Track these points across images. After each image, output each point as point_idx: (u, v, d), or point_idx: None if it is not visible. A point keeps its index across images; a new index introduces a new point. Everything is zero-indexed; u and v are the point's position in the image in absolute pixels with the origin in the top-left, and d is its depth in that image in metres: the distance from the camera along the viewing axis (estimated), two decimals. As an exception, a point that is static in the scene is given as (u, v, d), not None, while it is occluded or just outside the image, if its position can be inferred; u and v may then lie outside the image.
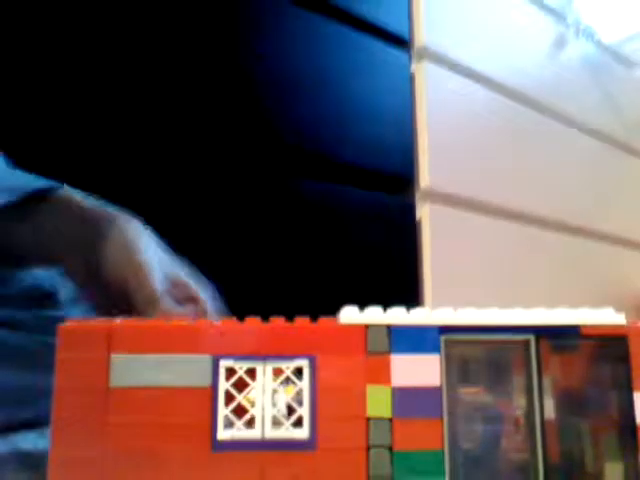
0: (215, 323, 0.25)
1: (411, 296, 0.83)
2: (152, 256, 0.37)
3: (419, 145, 0.86)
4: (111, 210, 0.38)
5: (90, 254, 0.37)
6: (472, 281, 0.87)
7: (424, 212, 0.85)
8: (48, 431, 0.24)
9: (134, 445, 0.24)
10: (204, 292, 0.40)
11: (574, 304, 0.27)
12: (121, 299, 0.36)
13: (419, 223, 0.85)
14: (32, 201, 0.38)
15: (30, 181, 0.38)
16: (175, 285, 0.39)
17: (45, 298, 0.42)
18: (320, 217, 0.75)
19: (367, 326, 0.25)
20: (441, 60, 0.89)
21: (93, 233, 0.37)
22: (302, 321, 0.26)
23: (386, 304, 0.27)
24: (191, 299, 0.40)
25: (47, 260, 0.39)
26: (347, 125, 0.79)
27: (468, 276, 0.87)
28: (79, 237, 0.38)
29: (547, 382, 0.26)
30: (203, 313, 0.39)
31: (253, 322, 0.26)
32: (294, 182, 0.73)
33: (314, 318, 0.26)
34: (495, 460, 0.27)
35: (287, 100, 0.73)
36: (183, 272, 0.40)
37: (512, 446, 0.27)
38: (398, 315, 0.26)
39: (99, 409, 0.24)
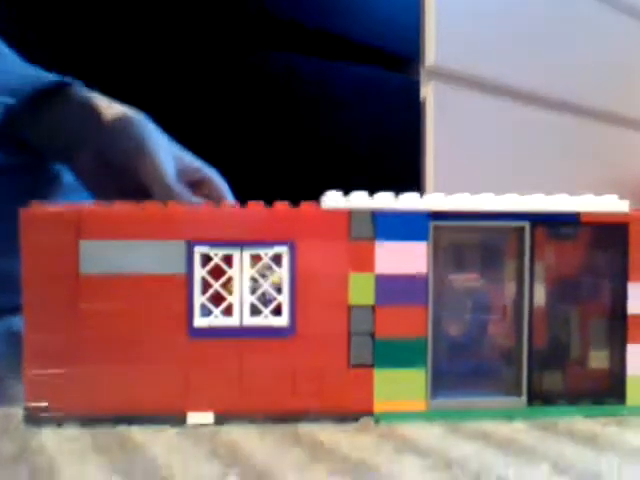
0: (189, 207, 0.24)
1: (412, 181, 0.81)
2: (163, 148, 0.36)
3: (426, 20, 0.80)
4: (121, 107, 0.37)
5: (103, 150, 0.37)
6: (476, 165, 0.85)
7: (429, 91, 0.81)
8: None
9: (108, 333, 0.23)
10: (214, 174, 0.39)
11: (579, 189, 0.26)
12: (134, 192, 0.36)
13: (423, 103, 0.81)
14: (44, 96, 0.37)
15: (41, 76, 0.37)
16: (186, 170, 0.38)
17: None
18: (319, 94, 0.71)
19: (350, 212, 0.24)
20: None
21: (106, 130, 0.37)
22: (281, 206, 0.24)
23: (385, 189, 0.25)
24: (203, 182, 0.39)
25: (60, 155, 0.39)
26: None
27: (472, 160, 0.84)
28: (90, 132, 0.37)
29: (540, 270, 0.25)
30: (217, 196, 0.39)
31: (229, 207, 0.24)
32: (291, 58, 0.68)
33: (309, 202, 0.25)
34: (481, 347, 0.26)
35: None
36: (190, 157, 0.39)
37: (499, 333, 0.26)
38: (384, 201, 0.24)
39: (70, 296, 0.23)
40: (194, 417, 0.23)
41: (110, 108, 0.37)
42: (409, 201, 0.24)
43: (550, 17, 0.93)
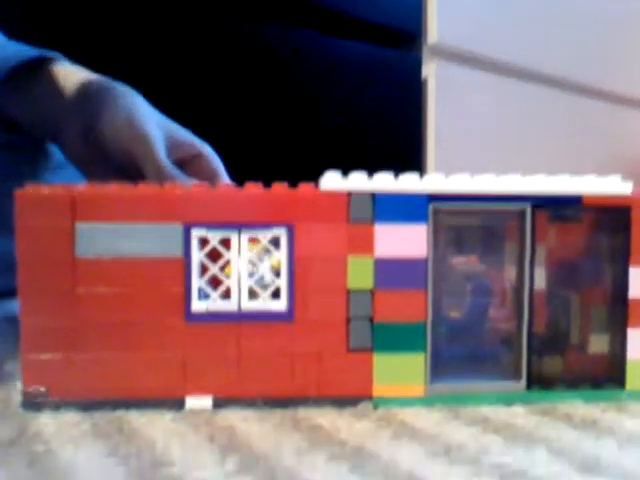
0: (186, 189, 0.24)
1: (413, 160, 0.80)
2: (153, 123, 0.35)
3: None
4: (107, 80, 0.36)
5: (90, 126, 0.35)
6: (478, 144, 0.84)
7: (431, 70, 0.80)
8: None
9: (105, 317, 0.23)
10: (208, 150, 0.39)
11: (581, 169, 0.25)
12: (125, 171, 0.35)
13: (425, 82, 0.80)
14: (26, 72, 0.36)
15: (22, 51, 0.36)
16: (178, 145, 0.37)
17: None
18: (318, 72, 0.70)
19: (350, 194, 0.24)
20: None
21: (92, 104, 0.35)
22: (279, 187, 0.24)
23: (386, 168, 0.24)
24: (196, 158, 0.38)
25: (48, 133, 0.38)
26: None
27: (475, 139, 0.84)
28: (77, 108, 0.36)
29: (541, 254, 0.25)
30: (212, 173, 0.38)
31: (226, 189, 0.24)
32: (290, 33, 0.67)
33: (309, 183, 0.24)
34: (481, 332, 0.26)
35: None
36: (183, 132, 0.38)
37: (500, 317, 0.26)
38: (383, 182, 0.24)
39: (65, 279, 0.23)
40: (192, 401, 0.23)
41: (95, 81, 0.36)
42: (409, 182, 0.24)
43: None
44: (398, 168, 0.26)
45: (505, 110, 0.87)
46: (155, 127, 0.35)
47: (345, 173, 0.24)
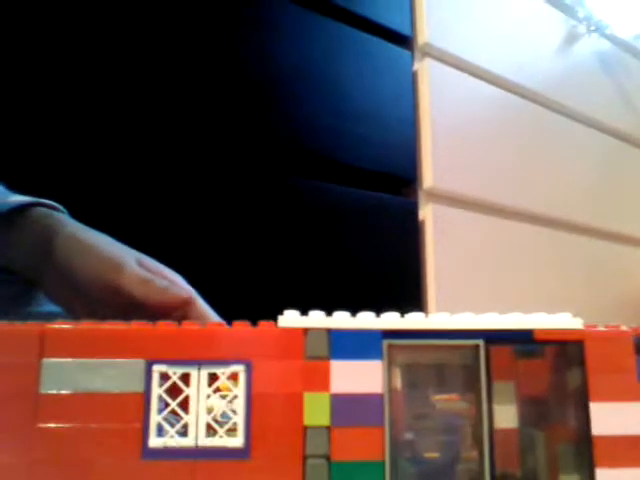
0: (149, 326, 0.25)
1: (414, 299, 0.81)
2: (114, 246, 0.37)
3: (422, 144, 0.84)
4: (54, 218, 0.38)
5: (63, 273, 0.37)
6: (477, 283, 0.85)
7: (427, 213, 0.83)
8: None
9: (64, 453, 0.23)
10: (173, 274, 0.39)
11: (580, 306, 0.26)
12: (107, 305, 0.36)
13: (422, 224, 0.83)
14: (16, 217, 0.38)
15: (7, 197, 0.39)
16: (144, 265, 0.38)
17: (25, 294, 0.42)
18: (319, 218, 0.74)
19: (306, 330, 0.24)
20: (445, 57, 0.87)
21: (55, 257, 0.37)
22: (240, 325, 0.25)
23: (387, 308, 0.26)
24: (186, 303, 0.38)
25: (29, 276, 0.40)
26: (348, 124, 0.78)
27: (473, 278, 0.85)
28: (45, 257, 0.38)
29: (499, 390, 0.25)
30: (202, 317, 0.39)
31: (189, 325, 0.25)
32: (292, 182, 0.72)
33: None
34: (445, 473, 0.25)
35: (286, 99, 0.73)
36: (168, 275, 0.39)
37: (463, 458, 0.25)
38: (339, 319, 0.25)
39: (28, 415, 0.24)
40: None
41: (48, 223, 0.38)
42: (363, 320, 0.25)
43: (541, 140, 0.98)
44: (401, 308, 0.27)
45: (501, 248, 0.89)
46: (116, 247, 0.37)
47: (354, 313, 0.25)
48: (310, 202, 0.73)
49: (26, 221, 0.39)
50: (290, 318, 0.25)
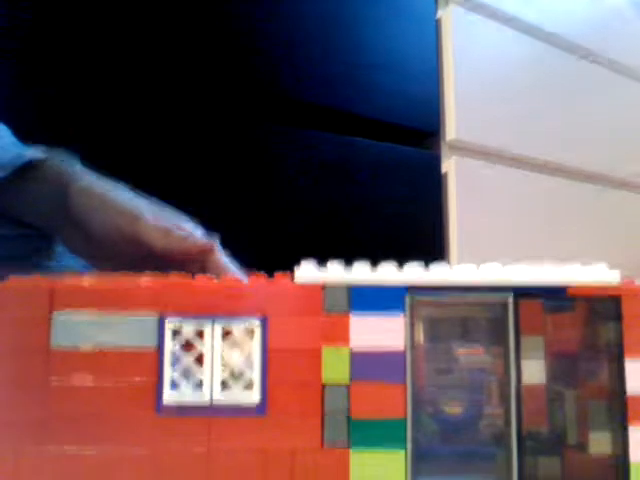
0: (162, 280, 0.24)
1: (436, 252, 0.80)
2: (131, 197, 0.36)
3: (445, 95, 0.81)
4: (71, 170, 0.37)
5: (80, 225, 0.36)
6: (500, 235, 0.83)
7: (450, 165, 0.81)
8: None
9: (77, 408, 0.23)
10: (191, 225, 0.38)
11: (604, 260, 0.24)
12: (127, 256, 0.35)
13: (445, 177, 0.81)
14: (30, 171, 0.37)
15: (21, 152, 0.38)
16: (162, 216, 0.37)
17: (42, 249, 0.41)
18: (340, 171, 0.72)
19: (324, 286, 0.23)
20: (470, 4, 0.83)
21: (72, 207, 0.36)
22: (255, 279, 0.24)
23: (409, 260, 0.24)
24: (204, 252, 0.37)
25: (48, 229, 0.39)
26: (369, 76, 0.75)
27: (496, 230, 0.83)
28: (63, 210, 0.37)
29: (527, 344, 0.24)
30: (219, 268, 0.38)
31: (202, 280, 0.24)
32: (312, 136, 0.70)
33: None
34: (467, 429, 0.24)
35: (301, 51, 0.70)
36: (187, 224, 0.38)
37: (486, 414, 0.24)
38: (360, 274, 0.23)
39: (40, 370, 0.23)
40: (159, 500, 0.22)
41: (67, 174, 0.37)
42: (386, 275, 0.24)
43: (566, 89, 0.94)
44: (424, 259, 0.26)
45: (524, 201, 0.87)
46: (132, 199, 0.36)
47: (374, 265, 0.24)
48: (327, 156, 0.71)
49: (41, 175, 0.38)
50: (307, 274, 0.24)
